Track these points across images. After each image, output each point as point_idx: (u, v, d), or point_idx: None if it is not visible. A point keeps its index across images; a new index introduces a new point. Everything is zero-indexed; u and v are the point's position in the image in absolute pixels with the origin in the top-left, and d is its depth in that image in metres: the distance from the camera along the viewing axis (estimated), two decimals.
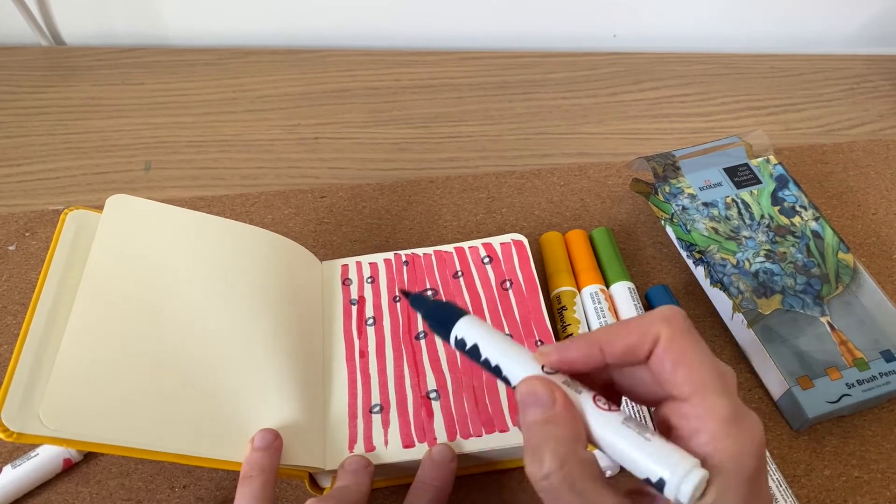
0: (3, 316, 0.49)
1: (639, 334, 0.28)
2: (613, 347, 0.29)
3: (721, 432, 0.26)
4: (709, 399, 0.27)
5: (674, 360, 0.27)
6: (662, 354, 0.28)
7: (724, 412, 0.26)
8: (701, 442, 0.26)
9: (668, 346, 0.28)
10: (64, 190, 0.58)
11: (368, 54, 0.71)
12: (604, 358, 0.29)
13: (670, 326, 0.28)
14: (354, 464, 0.39)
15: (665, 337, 0.28)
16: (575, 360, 0.29)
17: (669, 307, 0.29)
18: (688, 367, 0.27)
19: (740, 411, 0.27)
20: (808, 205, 0.52)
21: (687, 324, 0.28)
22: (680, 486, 0.25)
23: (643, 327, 0.28)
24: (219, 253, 0.43)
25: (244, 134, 0.63)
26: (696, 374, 0.27)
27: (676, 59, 0.72)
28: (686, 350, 0.28)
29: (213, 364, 0.39)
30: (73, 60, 0.69)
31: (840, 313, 0.47)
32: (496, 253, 0.49)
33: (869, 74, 0.71)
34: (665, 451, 0.26)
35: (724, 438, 0.26)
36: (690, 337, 0.28)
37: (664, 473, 0.26)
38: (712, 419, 0.26)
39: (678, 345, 0.28)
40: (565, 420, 0.27)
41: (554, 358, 0.29)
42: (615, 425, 0.27)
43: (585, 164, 0.61)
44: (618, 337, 0.29)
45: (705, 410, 0.26)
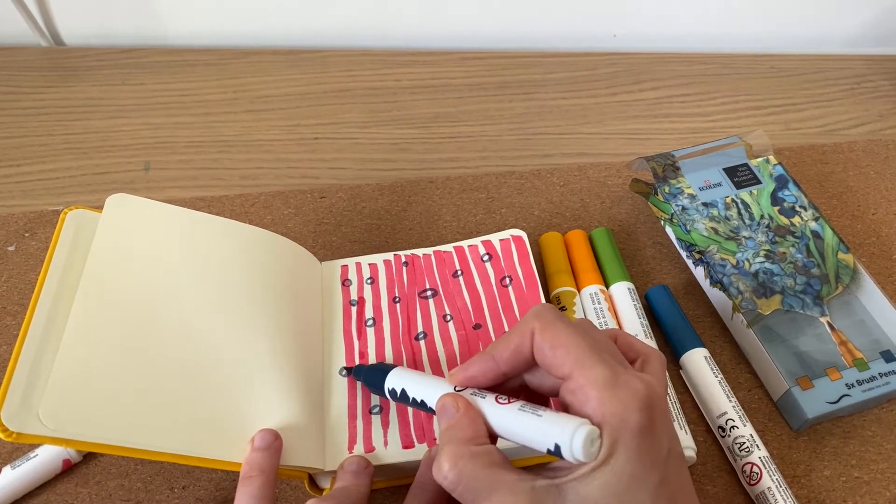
0: (3, 316, 0.49)
1: (518, 335, 0.32)
2: (502, 354, 0.33)
3: (602, 396, 0.29)
4: (586, 370, 0.30)
5: (549, 345, 0.31)
6: (540, 344, 0.31)
7: (602, 377, 0.29)
8: (588, 410, 0.29)
9: (542, 336, 0.31)
10: (64, 190, 0.58)
11: (368, 54, 0.71)
12: (498, 366, 0.33)
13: (540, 319, 0.32)
14: (354, 464, 0.39)
15: (538, 329, 0.31)
16: (477, 375, 0.33)
17: (539, 305, 0.33)
18: (562, 347, 0.31)
19: (618, 373, 0.29)
20: (808, 205, 0.52)
21: (556, 313, 0.32)
22: (572, 444, 0.28)
23: (520, 327, 0.32)
24: (219, 253, 0.43)
25: (244, 134, 0.63)
26: (572, 352, 0.30)
27: (676, 59, 0.72)
28: (557, 334, 0.31)
29: (212, 364, 0.39)
30: (73, 61, 0.69)
31: (840, 313, 0.47)
32: (495, 250, 0.49)
33: (869, 74, 0.71)
34: (554, 419, 0.29)
35: (607, 400, 0.28)
36: (561, 323, 0.31)
37: (557, 438, 0.28)
38: (592, 386, 0.29)
39: (550, 332, 0.31)
40: (463, 423, 0.31)
41: (460, 377, 0.34)
42: (511, 413, 0.31)
43: (585, 164, 0.61)
44: (503, 344, 0.33)
45: (586, 381, 0.29)
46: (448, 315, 0.46)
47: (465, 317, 0.46)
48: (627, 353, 0.34)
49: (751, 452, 0.41)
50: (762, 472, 0.40)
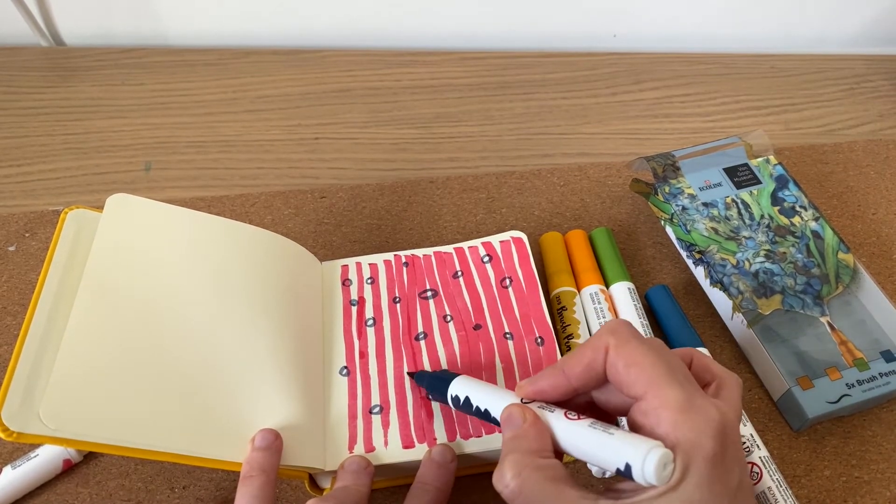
0: (3, 316, 0.49)
1: (591, 350, 0.31)
2: (574, 369, 0.32)
3: (677, 419, 0.28)
4: (661, 391, 0.29)
5: (624, 363, 0.30)
6: (614, 361, 0.31)
7: (676, 400, 0.28)
8: (661, 432, 0.28)
9: (616, 352, 0.31)
10: (64, 190, 0.58)
11: (368, 54, 0.71)
12: (569, 381, 0.32)
13: (616, 336, 0.31)
14: (354, 464, 0.39)
15: (612, 345, 0.31)
16: (546, 389, 0.33)
17: (615, 320, 0.33)
18: (637, 367, 0.30)
19: (694, 398, 0.29)
20: (808, 205, 0.52)
21: (631, 330, 0.31)
22: (644, 466, 0.27)
23: (594, 343, 0.32)
24: (219, 253, 0.43)
25: (244, 134, 0.63)
26: (647, 372, 0.30)
27: (676, 59, 0.72)
28: (633, 352, 0.30)
29: (213, 364, 0.39)
30: (73, 61, 0.69)
31: (840, 313, 0.47)
32: (496, 251, 0.49)
33: (869, 74, 0.71)
34: (627, 440, 0.28)
35: (681, 424, 0.28)
36: (636, 341, 0.31)
37: (629, 458, 0.28)
38: (666, 409, 0.28)
39: (625, 350, 0.31)
40: (529, 434, 0.31)
41: (528, 390, 0.33)
42: (581, 429, 0.30)
43: (585, 164, 0.61)
44: (575, 358, 0.32)
45: (660, 402, 0.29)
46: (448, 315, 0.46)
47: (466, 317, 0.46)
48: (703, 376, 0.33)
49: (751, 452, 0.41)
50: (762, 471, 0.40)
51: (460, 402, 0.37)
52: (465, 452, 0.40)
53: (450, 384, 0.38)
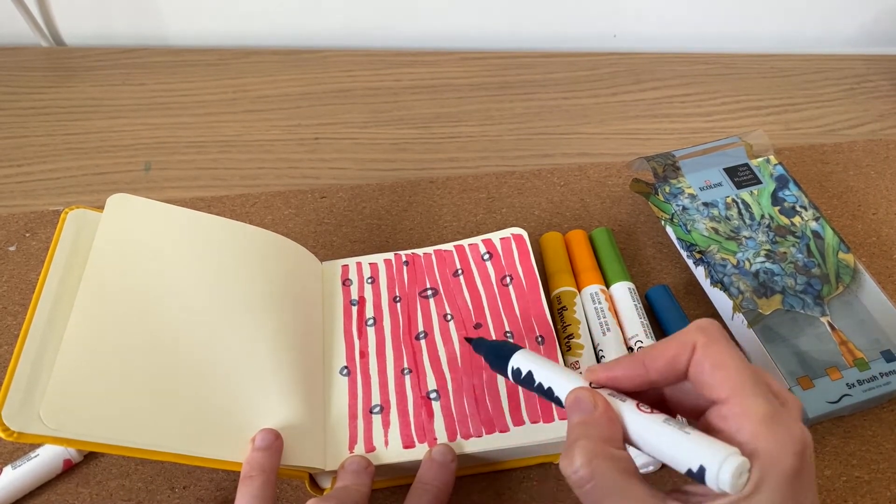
0: (4, 317, 0.49)
1: (677, 345, 0.30)
2: (656, 361, 0.31)
3: (759, 430, 0.27)
4: (747, 399, 0.28)
5: (711, 364, 0.29)
6: (701, 360, 0.29)
7: (762, 411, 0.27)
8: (740, 440, 0.27)
9: (704, 351, 0.29)
10: (64, 190, 0.58)
11: (368, 54, 0.71)
12: (647, 373, 0.31)
13: (705, 335, 0.30)
14: (355, 464, 0.39)
15: (701, 344, 0.30)
16: (620, 377, 0.31)
17: (705, 319, 0.31)
18: (724, 370, 0.29)
19: (780, 412, 0.28)
20: (809, 205, 0.52)
21: (721, 332, 0.30)
22: (720, 471, 0.26)
23: (681, 338, 0.30)
24: (219, 253, 0.43)
25: (244, 134, 0.63)
26: (733, 377, 0.28)
27: (677, 59, 0.72)
28: (721, 354, 0.29)
29: (213, 364, 0.39)
30: (74, 61, 0.69)
31: (840, 313, 0.47)
32: (496, 249, 0.49)
33: (869, 74, 0.71)
34: (704, 442, 0.27)
35: (763, 436, 0.27)
36: (725, 343, 0.30)
37: (704, 461, 0.27)
38: (750, 418, 0.27)
39: (714, 350, 0.29)
40: (601, 422, 0.29)
41: (601, 375, 0.32)
42: (655, 425, 0.29)
43: (586, 164, 0.61)
44: (658, 351, 0.31)
45: (743, 410, 0.28)
46: (449, 314, 0.46)
47: (466, 316, 0.46)
48: None
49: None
50: None
51: (521, 375, 0.35)
52: (465, 452, 0.40)
53: (512, 355, 0.36)
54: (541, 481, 0.42)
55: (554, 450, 0.41)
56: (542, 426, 0.40)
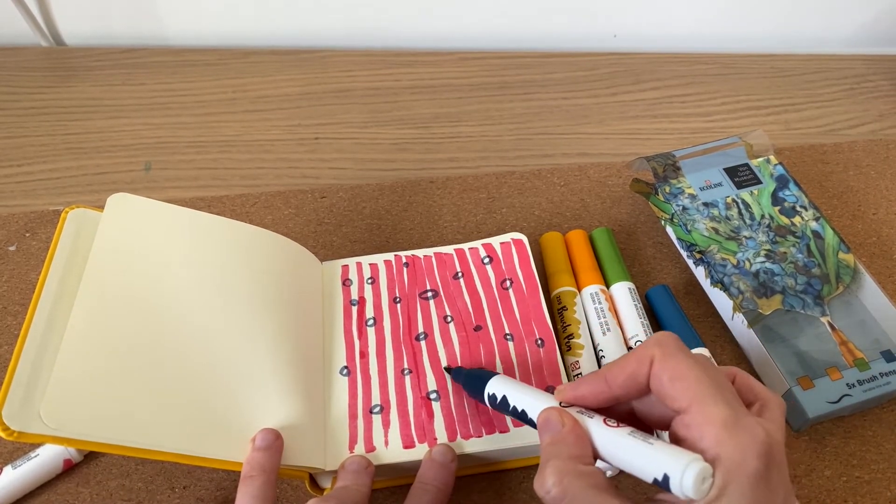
0: (4, 316, 0.49)
1: (636, 360, 0.31)
2: (617, 377, 0.32)
3: (720, 435, 0.28)
4: (706, 407, 0.28)
5: (669, 375, 0.30)
6: (659, 373, 0.30)
7: (722, 416, 0.28)
8: (703, 447, 0.28)
9: (661, 364, 0.30)
10: (64, 190, 0.58)
11: (368, 54, 0.71)
12: (610, 389, 0.32)
13: (662, 348, 0.31)
14: (355, 464, 0.39)
15: (658, 357, 0.30)
16: (586, 394, 0.32)
17: (662, 332, 0.32)
18: (682, 380, 0.30)
19: (739, 415, 0.28)
20: (809, 205, 0.52)
21: (678, 343, 0.31)
22: (682, 478, 0.27)
23: (639, 353, 0.31)
24: (220, 252, 0.43)
25: (244, 134, 0.63)
26: (692, 386, 0.29)
27: (676, 59, 0.72)
28: (678, 365, 0.30)
29: (214, 364, 0.39)
30: (73, 61, 0.69)
31: (840, 313, 0.47)
32: (496, 253, 0.49)
33: (869, 74, 0.71)
34: (667, 451, 0.28)
35: (724, 441, 0.27)
36: (682, 354, 0.30)
37: (667, 469, 0.27)
38: (711, 424, 0.28)
39: (671, 362, 0.30)
40: (569, 440, 0.31)
41: (568, 394, 0.33)
42: (621, 438, 0.30)
43: (586, 164, 0.61)
44: (618, 367, 0.32)
45: (704, 418, 0.28)
46: (449, 316, 0.46)
47: (466, 318, 0.46)
48: (745, 395, 0.32)
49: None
50: None
51: (497, 400, 0.37)
52: (465, 452, 0.40)
53: (487, 382, 0.38)
54: None
55: None
56: None
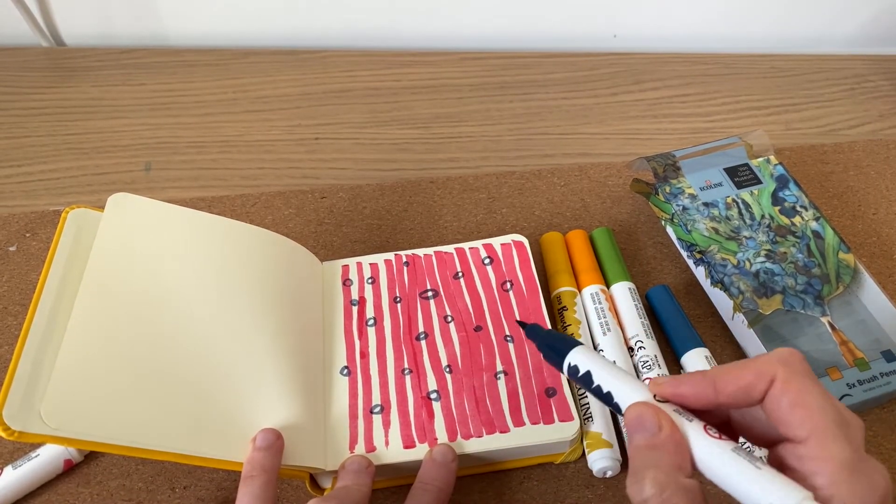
0: (4, 317, 0.49)
1: (755, 374, 0.28)
2: (727, 386, 0.29)
3: (839, 477, 0.25)
4: (827, 443, 0.26)
5: (791, 401, 0.27)
6: (779, 395, 0.28)
7: (843, 457, 0.26)
8: (816, 484, 0.26)
9: (784, 386, 0.28)
10: (64, 190, 0.58)
11: (368, 54, 0.71)
12: (716, 396, 0.29)
13: (787, 367, 0.28)
14: (355, 464, 0.39)
15: (781, 377, 0.28)
16: (687, 395, 0.29)
17: (787, 349, 0.29)
18: (805, 408, 0.27)
19: (862, 459, 0.26)
20: (809, 205, 0.52)
21: (805, 366, 0.28)
22: None
23: (759, 367, 0.28)
24: (220, 252, 0.43)
25: (244, 134, 0.63)
26: (814, 417, 0.27)
27: (676, 59, 0.72)
28: (803, 391, 0.27)
29: (214, 364, 0.39)
30: (74, 61, 0.69)
31: (841, 313, 0.47)
32: (497, 254, 0.49)
33: (869, 74, 0.71)
34: (777, 481, 0.26)
35: (842, 483, 0.25)
36: (808, 379, 0.28)
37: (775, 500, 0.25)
38: (830, 463, 0.26)
39: (795, 386, 0.28)
40: (669, 447, 0.28)
41: (668, 390, 0.30)
42: (725, 453, 0.27)
43: (586, 164, 0.61)
44: (732, 375, 0.29)
45: (822, 454, 0.26)
46: (449, 316, 0.46)
47: (466, 318, 0.46)
48: None
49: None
50: None
51: (578, 373, 0.33)
52: (465, 452, 0.40)
53: (569, 350, 0.33)
54: (541, 481, 0.42)
55: (554, 450, 0.41)
56: (543, 427, 0.40)
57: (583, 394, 0.43)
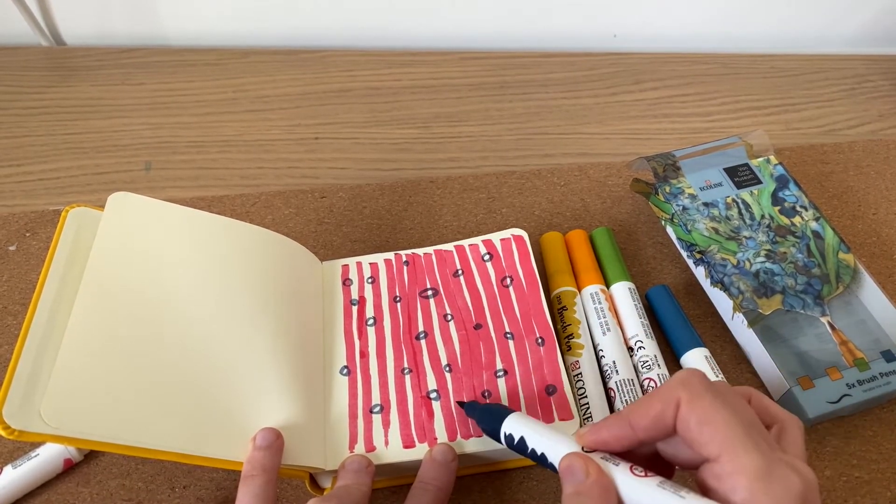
0: (4, 316, 0.49)
1: (660, 401, 0.29)
2: (641, 420, 0.30)
3: (754, 488, 0.26)
4: (737, 455, 0.27)
5: (697, 420, 0.28)
6: (686, 417, 0.28)
7: (754, 467, 0.26)
8: (736, 500, 0.26)
9: (689, 407, 0.28)
10: (64, 190, 0.58)
11: (368, 54, 0.71)
12: (634, 433, 0.30)
13: (688, 388, 0.29)
14: (355, 464, 0.39)
15: (685, 399, 0.29)
16: (608, 439, 0.31)
17: (687, 370, 0.30)
18: (711, 425, 0.28)
19: (773, 464, 0.27)
20: (809, 205, 0.52)
21: (704, 383, 0.29)
22: None
23: (663, 394, 0.29)
24: (220, 252, 0.43)
25: (244, 134, 0.63)
26: (722, 432, 0.27)
27: (676, 59, 0.72)
28: (707, 409, 0.28)
29: (214, 363, 0.39)
30: (74, 61, 0.69)
31: (840, 313, 0.47)
32: (496, 249, 0.49)
33: (869, 74, 0.71)
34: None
35: (759, 494, 0.26)
36: (710, 395, 0.28)
37: None
38: (743, 476, 0.26)
39: (698, 405, 0.28)
40: (595, 492, 0.29)
41: (589, 438, 0.31)
42: (650, 489, 0.28)
43: (586, 164, 0.61)
44: (643, 409, 0.30)
45: (735, 468, 0.27)
46: (449, 314, 0.46)
47: (466, 316, 0.46)
48: (762, 417, 0.30)
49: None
50: None
51: (514, 441, 0.35)
52: (465, 452, 0.40)
53: (503, 420, 0.36)
54: (541, 481, 0.42)
55: None
56: None
57: (583, 393, 0.43)
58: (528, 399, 0.41)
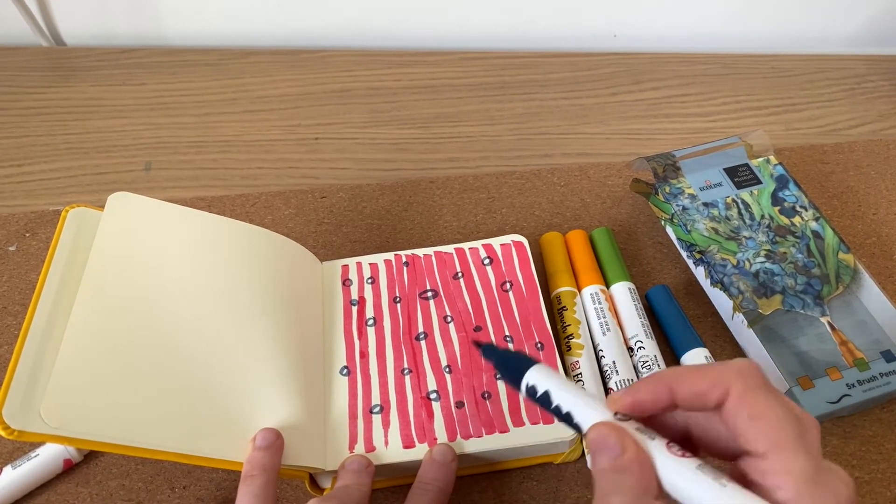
0: (4, 316, 0.49)
1: (709, 382, 0.28)
2: (682, 389, 0.28)
3: (802, 491, 0.25)
4: (787, 456, 0.26)
5: (748, 414, 0.27)
6: (736, 408, 0.27)
7: (805, 470, 0.26)
8: (780, 499, 0.26)
9: (741, 399, 0.27)
10: (64, 190, 0.58)
11: (368, 54, 0.71)
12: (672, 398, 0.29)
13: (744, 380, 0.28)
14: (355, 464, 0.39)
15: (738, 390, 0.27)
16: (644, 400, 0.29)
17: (746, 360, 0.29)
18: (763, 421, 0.27)
19: (822, 469, 0.26)
20: (809, 205, 0.52)
21: (762, 378, 0.28)
22: None
23: (715, 376, 0.28)
24: (220, 252, 0.43)
25: (244, 134, 0.63)
26: (773, 430, 0.27)
27: (676, 59, 0.72)
28: (761, 404, 0.27)
29: (214, 363, 0.39)
30: (74, 61, 0.69)
31: (840, 313, 0.47)
32: (496, 254, 0.49)
33: (869, 74, 0.71)
34: (742, 498, 0.26)
35: (806, 497, 0.25)
36: (766, 391, 0.28)
37: None
38: (791, 477, 0.26)
39: (752, 399, 0.27)
40: (634, 469, 0.27)
41: (627, 401, 0.29)
42: (689, 471, 0.27)
43: (586, 164, 0.61)
44: (687, 380, 0.28)
45: (783, 468, 0.26)
46: (449, 316, 0.46)
47: (466, 318, 0.46)
48: None
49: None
50: None
51: (536, 393, 0.31)
52: (465, 452, 0.40)
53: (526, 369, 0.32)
54: (540, 481, 0.42)
55: (554, 450, 0.41)
56: (542, 427, 0.40)
57: None
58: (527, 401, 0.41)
